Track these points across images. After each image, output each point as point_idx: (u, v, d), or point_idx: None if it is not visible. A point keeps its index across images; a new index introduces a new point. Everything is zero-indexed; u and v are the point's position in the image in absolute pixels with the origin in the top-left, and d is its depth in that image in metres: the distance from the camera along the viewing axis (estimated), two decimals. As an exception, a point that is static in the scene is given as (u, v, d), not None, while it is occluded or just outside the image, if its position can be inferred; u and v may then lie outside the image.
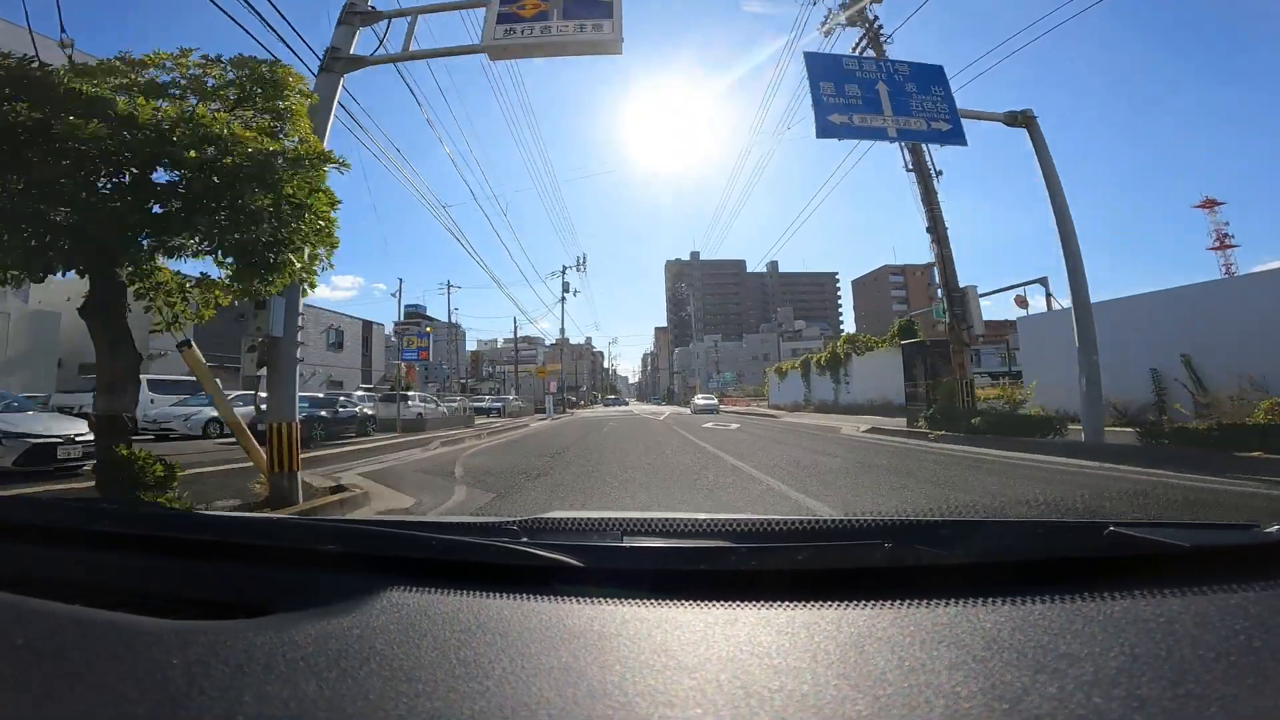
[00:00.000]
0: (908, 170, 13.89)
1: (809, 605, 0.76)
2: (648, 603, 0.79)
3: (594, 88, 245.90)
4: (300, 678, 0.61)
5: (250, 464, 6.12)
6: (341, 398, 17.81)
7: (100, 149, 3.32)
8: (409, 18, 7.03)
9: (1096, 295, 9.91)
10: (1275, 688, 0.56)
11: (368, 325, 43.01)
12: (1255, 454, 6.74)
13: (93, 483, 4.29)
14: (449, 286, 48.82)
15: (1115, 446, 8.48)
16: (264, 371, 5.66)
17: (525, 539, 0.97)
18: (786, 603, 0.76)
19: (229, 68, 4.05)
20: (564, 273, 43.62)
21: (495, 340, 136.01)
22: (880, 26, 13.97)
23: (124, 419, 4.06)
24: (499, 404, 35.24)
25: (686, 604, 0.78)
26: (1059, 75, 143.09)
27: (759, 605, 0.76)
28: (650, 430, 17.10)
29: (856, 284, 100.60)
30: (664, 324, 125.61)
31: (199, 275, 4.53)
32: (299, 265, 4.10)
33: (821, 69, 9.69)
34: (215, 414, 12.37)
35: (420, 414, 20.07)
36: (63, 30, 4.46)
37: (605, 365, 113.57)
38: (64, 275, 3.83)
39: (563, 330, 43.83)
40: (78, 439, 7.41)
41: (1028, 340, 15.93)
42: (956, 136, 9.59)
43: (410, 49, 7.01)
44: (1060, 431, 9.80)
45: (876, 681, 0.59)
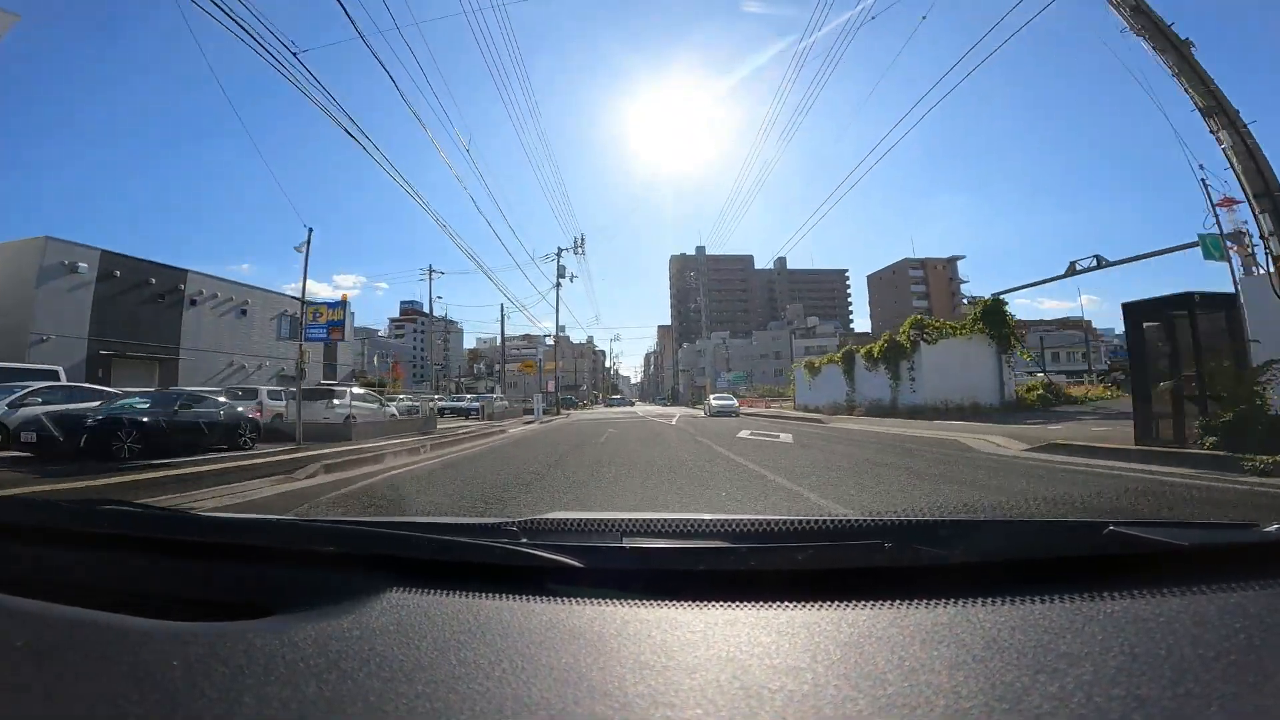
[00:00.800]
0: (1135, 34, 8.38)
1: (809, 605, 0.76)
2: (648, 603, 0.80)
3: (594, 86, 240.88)
4: (300, 679, 0.61)
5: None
6: (222, 396, 12.60)
7: None
8: None
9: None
10: (1275, 686, 0.56)
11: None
12: None
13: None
14: (430, 272, 43.12)
15: None
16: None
17: (525, 540, 0.97)
18: (787, 603, 0.77)
19: None
20: (559, 255, 37.87)
21: (494, 339, 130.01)
22: None
23: None
24: (477, 405, 29.57)
25: (687, 604, 0.78)
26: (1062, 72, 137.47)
27: (759, 605, 0.77)
28: (665, 443, 11.58)
29: (872, 279, 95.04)
30: (666, 322, 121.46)
31: None
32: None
33: None
34: None
35: (350, 416, 15.28)
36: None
37: (607, 365, 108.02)
38: None
39: (557, 320, 38.14)
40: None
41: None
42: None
43: None
44: None
45: (877, 681, 0.59)
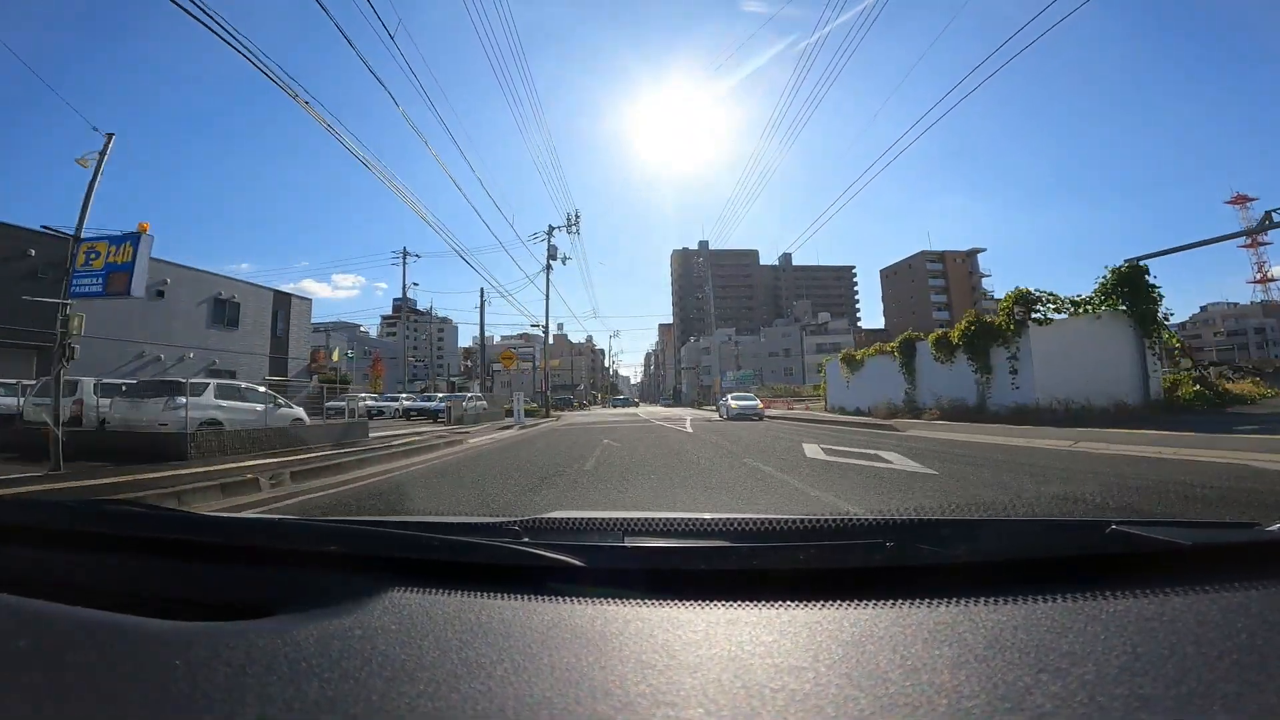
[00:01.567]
0: None
1: (811, 604, 0.76)
2: (649, 602, 0.80)
3: (593, 84, 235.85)
4: (302, 678, 0.61)
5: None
6: None
7: None
8: None
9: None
10: (1277, 686, 0.56)
11: (280, 298, 31.89)
12: None
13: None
14: (404, 256, 37.71)
15: None
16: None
17: (527, 539, 0.97)
18: (788, 602, 0.77)
19: None
20: (549, 235, 32.49)
21: (491, 337, 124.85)
22: None
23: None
24: (442, 406, 24.13)
25: (688, 604, 0.78)
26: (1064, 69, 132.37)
27: (761, 605, 0.77)
28: (695, 471, 6.91)
29: (886, 273, 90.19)
30: (667, 320, 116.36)
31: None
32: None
33: None
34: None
35: (212, 421, 10.77)
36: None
37: (606, 364, 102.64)
38: None
39: (547, 307, 32.97)
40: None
41: None
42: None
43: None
44: None
45: (878, 681, 0.59)
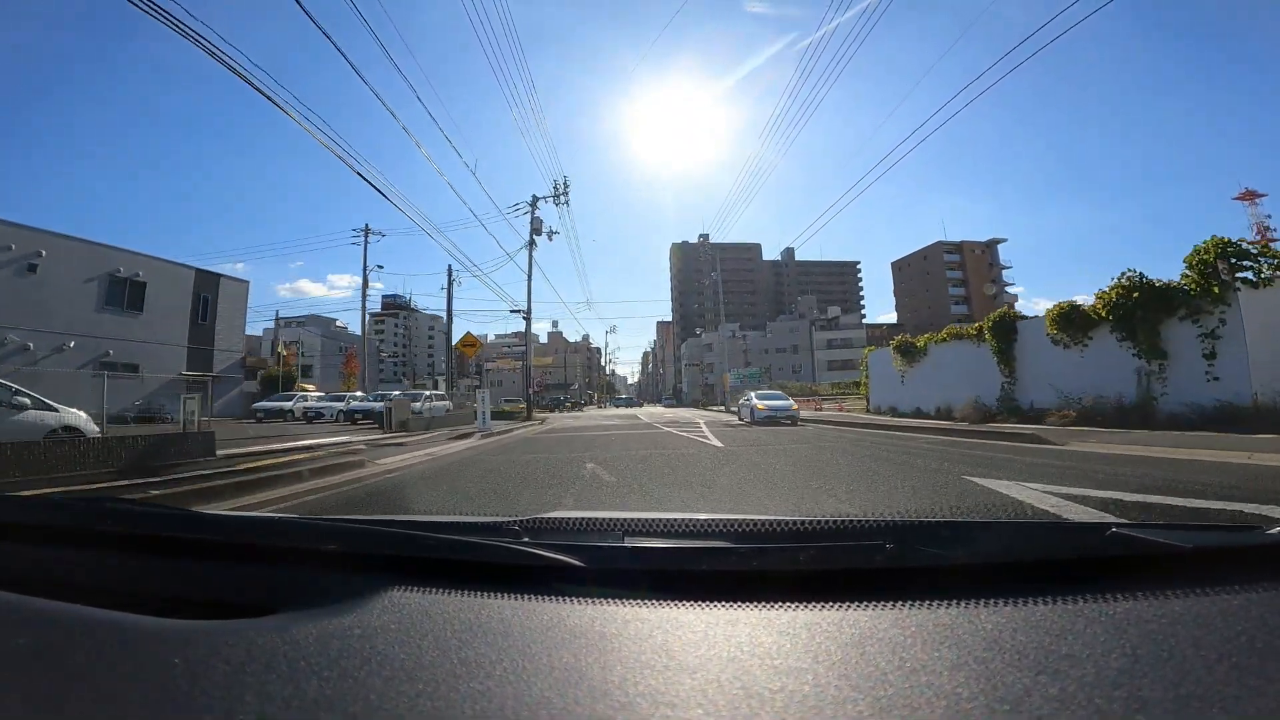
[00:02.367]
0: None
1: (810, 606, 0.76)
2: (649, 603, 0.79)
3: (590, 82, 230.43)
4: (301, 677, 0.61)
5: None
6: None
7: None
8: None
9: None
10: (1277, 689, 0.55)
11: (205, 279, 26.44)
12: None
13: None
14: (366, 233, 32.26)
15: None
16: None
17: (527, 539, 0.96)
18: (788, 603, 0.76)
19: None
20: (533, 206, 27.25)
21: (487, 335, 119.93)
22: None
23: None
24: (381, 405, 18.66)
25: (688, 604, 0.78)
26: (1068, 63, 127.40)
27: (760, 606, 0.76)
28: None
29: (899, 266, 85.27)
30: (665, 318, 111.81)
31: None
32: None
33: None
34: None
35: None
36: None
37: (603, 362, 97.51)
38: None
39: (530, 290, 27.38)
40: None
41: None
42: None
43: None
44: None
45: (878, 682, 0.58)
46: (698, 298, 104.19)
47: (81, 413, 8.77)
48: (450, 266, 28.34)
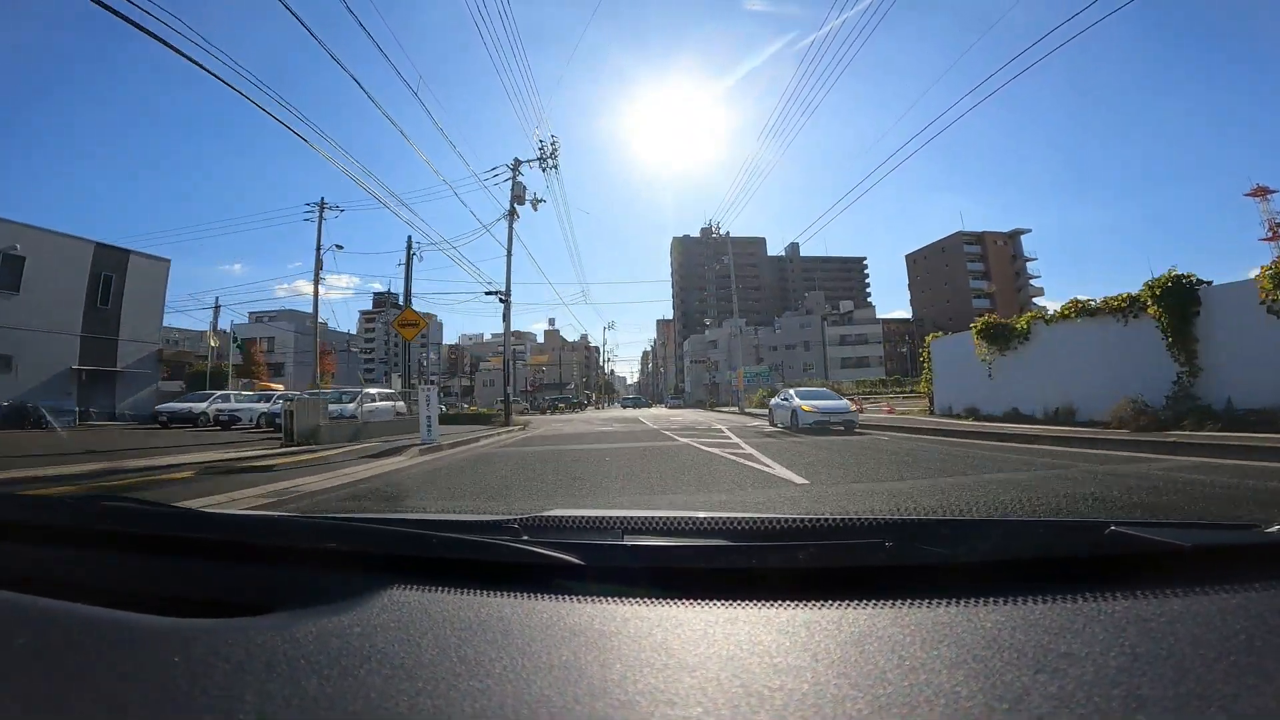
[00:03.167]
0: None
1: (809, 604, 0.76)
2: (648, 601, 0.79)
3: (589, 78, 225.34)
4: (301, 676, 0.61)
5: None
6: None
7: None
8: None
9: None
10: (1276, 688, 0.56)
11: (108, 255, 21.55)
12: None
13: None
14: (321, 208, 27.37)
15: None
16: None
17: (526, 537, 0.96)
18: (787, 601, 0.76)
19: None
20: (515, 170, 22.50)
21: (482, 334, 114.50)
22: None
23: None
24: (278, 407, 13.92)
25: (687, 603, 0.78)
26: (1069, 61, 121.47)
27: (759, 604, 0.76)
28: None
29: (912, 259, 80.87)
30: (665, 316, 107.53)
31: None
32: None
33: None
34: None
35: None
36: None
37: (601, 361, 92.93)
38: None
39: (509, 269, 22.52)
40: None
41: None
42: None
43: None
44: None
45: (877, 680, 0.59)
46: (700, 293, 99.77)
47: None
48: (410, 238, 23.56)
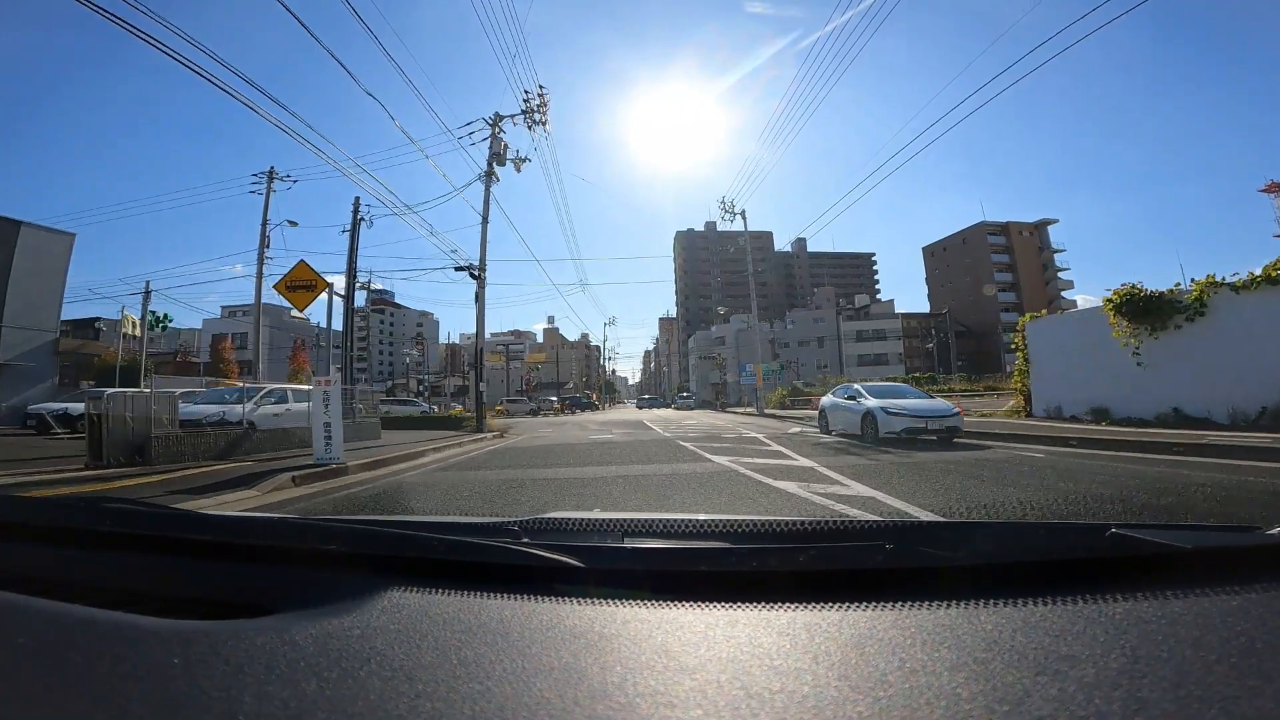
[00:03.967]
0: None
1: (810, 606, 0.76)
2: (648, 603, 0.79)
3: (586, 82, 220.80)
4: (301, 677, 0.61)
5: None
6: None
7: None
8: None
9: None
10: (1277, 690, 0.55)
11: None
12: None
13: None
14: (270, 178, 23.12)
15: None
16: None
17: (526, 539, 0.96)
18: (787, 604, 0.76)
19: None
20: (495, 126, 18.50)
21: (476, 335, 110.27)
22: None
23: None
24: (216, 411, 9.80)
25: (687, 605, 0.78)
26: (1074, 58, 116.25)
27: (760, 606, 0.76)
28: None
29: (930, 250, 76.74)
30: (664, 314, 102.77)
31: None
32: None
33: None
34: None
35: None
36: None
37: (603, 361, 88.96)
38: None
39: (484, 237, 18.40)
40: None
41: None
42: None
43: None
44: None
45: (877, 683, 0.59)
46: (704, 288, 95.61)
47: None
48: (357, 199, 19.58)
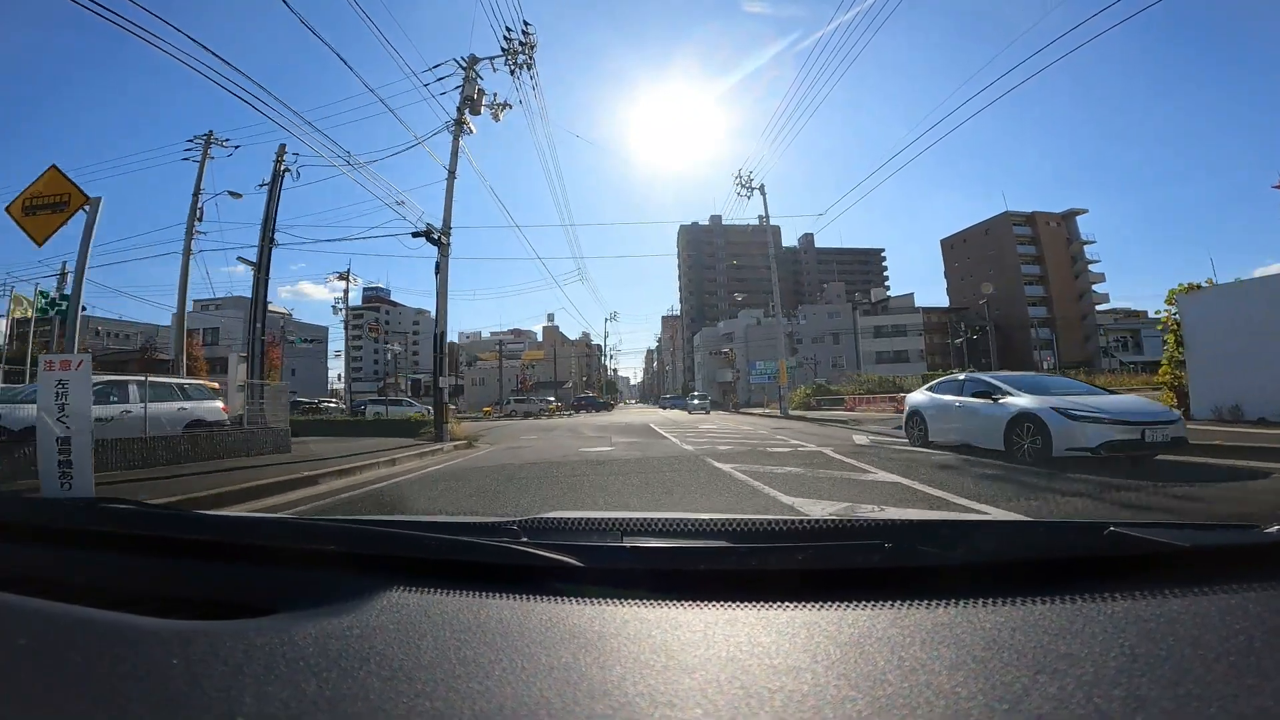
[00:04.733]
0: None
1: (809, 605, 0.76)
2: (648, 603, 0.80)
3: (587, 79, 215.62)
4: (300, 677, 0.61)
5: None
6: None
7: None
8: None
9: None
10: (1275, 688, 0.56)
11: None
12: None
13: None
14: (208, 143, 18.13)
15: None
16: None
17: (525, 539, 0.96)
18: (786, 603, 0.76)
19: None
20: (469, 68, 13.70)
21: (480, 332, 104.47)
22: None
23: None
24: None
25: (686, 604, 0.78)
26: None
27: (759, 605, 0.76)
28: None
29: (949, 243, 72.35)
30: (669, 312, 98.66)
31: None
32: None
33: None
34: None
35: None
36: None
37: (604, 360, 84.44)
38: None
39: (449, 190, 13.56)
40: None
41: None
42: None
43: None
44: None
45: (876, 682, 0.59)
46: (709, 284, 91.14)
47: None
48: (282, 146, 14.95)
